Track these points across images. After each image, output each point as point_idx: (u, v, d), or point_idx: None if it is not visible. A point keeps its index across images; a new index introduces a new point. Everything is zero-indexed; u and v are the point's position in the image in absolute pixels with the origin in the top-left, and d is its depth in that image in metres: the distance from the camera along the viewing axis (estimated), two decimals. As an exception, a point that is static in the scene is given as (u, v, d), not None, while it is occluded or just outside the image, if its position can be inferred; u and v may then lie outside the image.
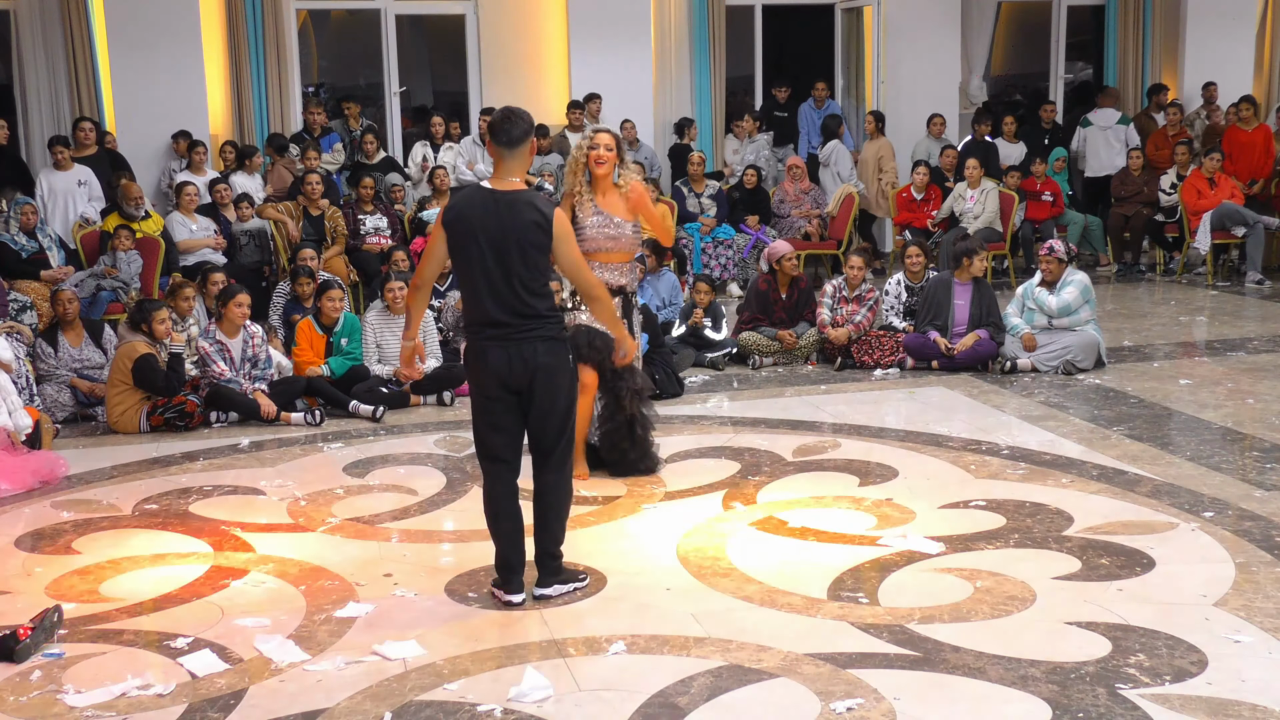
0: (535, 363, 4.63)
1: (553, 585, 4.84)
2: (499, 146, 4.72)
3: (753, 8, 14.05)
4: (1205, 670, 4.08)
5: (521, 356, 4.62)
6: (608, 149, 6.12)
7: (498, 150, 4.73)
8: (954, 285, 8.72)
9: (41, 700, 4.13)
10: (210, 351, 7.84)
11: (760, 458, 6.67)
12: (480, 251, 4.61)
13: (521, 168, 4.76)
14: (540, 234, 4.63)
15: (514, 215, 4.61)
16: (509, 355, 4.61)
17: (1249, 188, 12.24)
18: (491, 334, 4.63)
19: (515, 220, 4.61)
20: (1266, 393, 7.75)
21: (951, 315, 8.69)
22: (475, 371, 4.71)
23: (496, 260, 4.60)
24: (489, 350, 4.64)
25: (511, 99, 12.88)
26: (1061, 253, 8.64)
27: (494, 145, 4.74)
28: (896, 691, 3.98)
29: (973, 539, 5.36)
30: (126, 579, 5.25)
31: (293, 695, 4.09)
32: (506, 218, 4.60)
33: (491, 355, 4.63)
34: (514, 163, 4.72)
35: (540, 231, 4.63)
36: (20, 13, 11.71)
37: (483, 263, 4.61)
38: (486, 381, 4.68)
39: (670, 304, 9.50)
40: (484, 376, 4.67)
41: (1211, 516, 5.53)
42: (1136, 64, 14.45)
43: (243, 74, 12.35)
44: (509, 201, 4.63)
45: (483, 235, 4.60)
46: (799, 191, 12.38)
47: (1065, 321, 8.48)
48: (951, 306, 8.68)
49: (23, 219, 9.67)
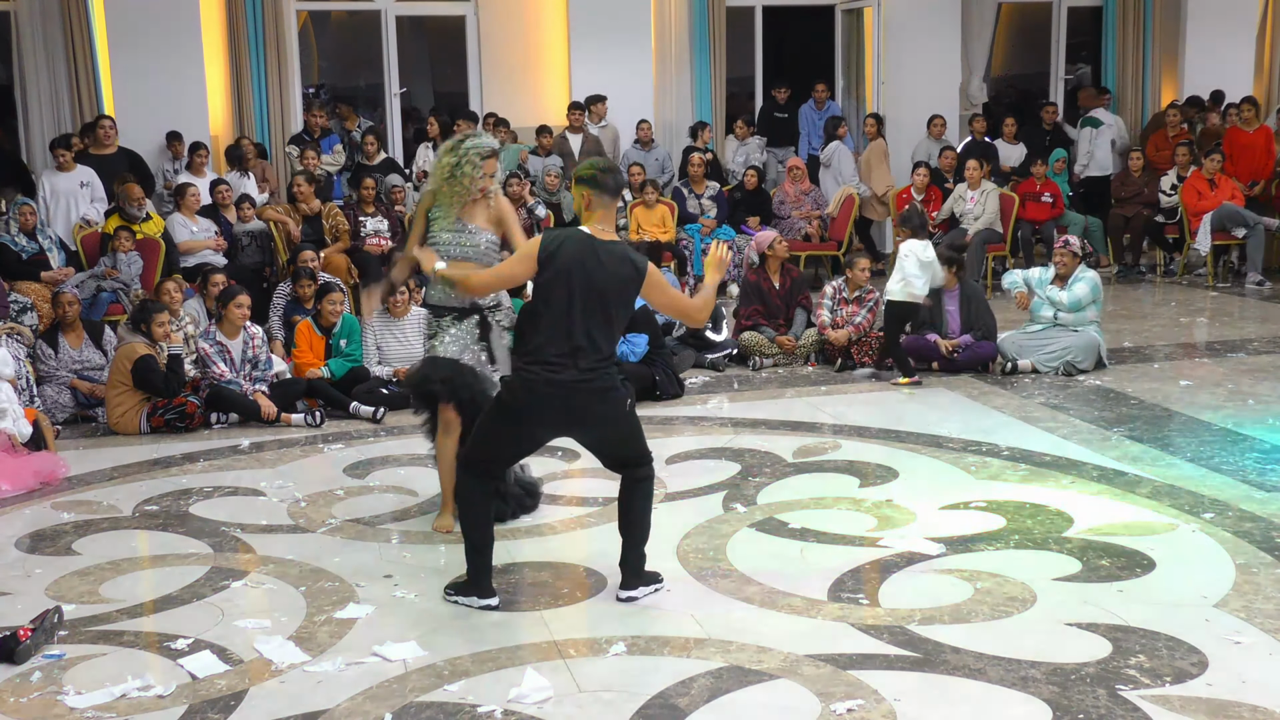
0: (590, 412, 4.66)
1: (638, 587, 4.85)
2: (604, 195, 4.72)
3: (753, 9, 14.04)
4: (1205, 671, 4.08)
5: (579, 406, 4.63)
6: (491, 176, 5.65)
7: (601, 201, 4.71)
8: (943, 293, 8.72)
9: (42, 701, 4.13)
10: (210, 353, 7.83)
11: (760, 459, 6.67)
12: (568, 295, 4.58)
13: (612, 215, 4.79)
14: (633, 288, 4.67)
15: (614, 268, 4.62)
16: (567, 405, 4.62)
17: (1249, 189, 12.24)
18: (549, 376, 4.58)
19: (615, 273, 4.62)
20: (1267, 394, 7.75)
21: (944, 322, 8.70)
22: (522, 410, 4.66)
23: (583, 308, 4.58)
24: (545, 397, 4.59)
25: (512, 100, 12.99)
26: (1076, 247, 8.66)
27: (597, 195, 4.71)
28: (897, 693, 3.98)
29: (973, 540, 5.36)
30: (127, 580, 5.25)
31: (293, 696, 4.09)
32: (607, 269, 4.61)
33: (549, 402, 4.60)
34: (611, 212, 4.76)
35: (634, 286, 4.67)
36: (20, 14, 11.70)
37: (567, 306, 4.58)
38: (534, 422, 4.69)
39: None
40: (533, 417, 4.67)
41: (1212, 518, 5.53)
42: (1136, 65, 14.44)
43: (243, 75, 12.34)
44: (609, 252, 4.64)
45: (578, 280, 4.58)
46: (799, 193, 12.37)
47: (1072, 319, 8.45)
48: (944, 313, 8.70)
49: (22, 220, 9.67)
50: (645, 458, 4.84)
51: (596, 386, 4.61)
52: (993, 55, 14.96)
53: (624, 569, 4.86)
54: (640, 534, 4.85)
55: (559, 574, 5.16)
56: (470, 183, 5.52)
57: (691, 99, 13.52)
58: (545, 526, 5.73)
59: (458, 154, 5.53)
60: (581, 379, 4.58)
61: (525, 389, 4.63)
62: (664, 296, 4.83)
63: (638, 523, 4.84)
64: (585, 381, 4.58)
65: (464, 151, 5.53)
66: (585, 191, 4.74)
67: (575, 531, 5.69)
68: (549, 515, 5.88)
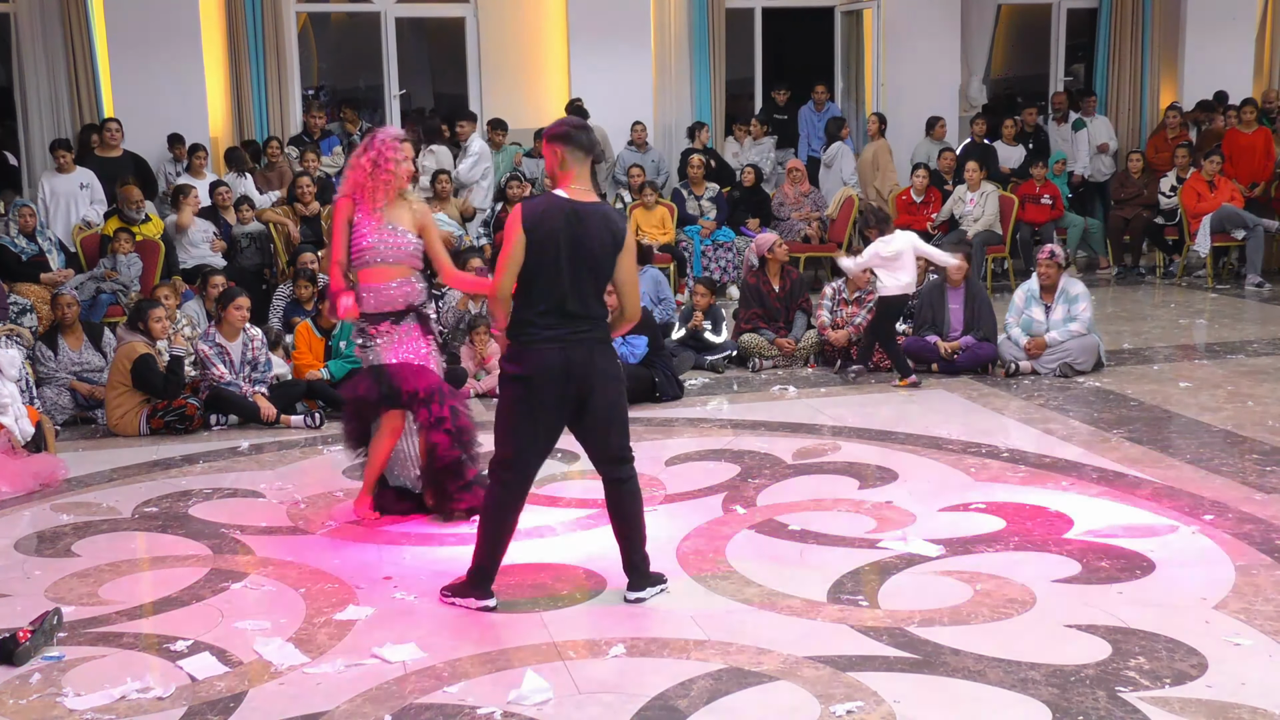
0: (593, 366, 4.63)
1: (645, 589, 4.84)
2: (579, 153, 4.68)
3: (752, 10, 14.05)
4: (1205, 673, 4.08)
5: (580, 359, 4.61)
6: (409, 159, 5.71)
7: (574, 157, 4.68)
8: (946, 291, 8.73)
9: (41, 703, 4.13)
10: (210, 354, 7.83)
11: (760, 460, 6.67)
12: (556, 258, 4.58)
13: (587, 174, 4.76)
14: (615, 247, 4.66)
15: (596, 227, 4.62)
16: (568, 358, 4.60)
17: (1249, 190, 12.24)
18: (548, 335, 4.59)
19: (597, 232, 4.62)
20: (1266, 395, 7.75)
21: (946, 321, 8.70)
22: (530, 375, 4.62)
23: (572, 269, 4.58)
24: (545, 353, 4.59)
25: (511, 102, 13.00)
26: (1061, 257, 8.65)
27: (570, 151, 4.67)
28: (896, 694, 3.98)
29: (973, 542, 5.36)
30: (126, 582, 5.25)
31: (292, 698, 4.09)
32: (591, 232, 4.60)
33: (549, 357, 4.59)
34: (587, 170, 4.74)
35: (615, 245, 4.66)
36: (20, 16, 11.71)
37: (555, 268, 4.58)
38: (542, 384, 4.62)
39: (659, 300, 9.52)
40: (540, 379, 4.61)
41: (1211, 519, 5.52)
42: (1134, 67, 14.45)
43: (242, 77, 12.35)
44: (590, 212, 4.64)
45: (564, 243, 4.58)
46: (799, 194, 12.38)
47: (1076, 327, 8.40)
48: (946, 312, 8.70)
49: (22, 221, 9.67)
50: (628, 452, 4.82)
51: (595, 337, 4.64)
52: (992, 57, 14.97)
53: (629, 571, 4.86)
54: (638, 534, 4.85)
55: (558, 575, 5.16)
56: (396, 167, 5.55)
57: (691, 101, 13.53)
58: (544, 528, 5.73)
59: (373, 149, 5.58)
60: (578, 334, 4.60)
61: (526, 355, 4.62)
62: (629, 270, 4.76)
63: (633, 524, 4.84)
64: (584, 333, 4.60)
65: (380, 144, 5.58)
66: (558, 149, 4.68)
67: (574, 533, 5.69)
68: (548, 517, 5.88)
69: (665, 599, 4.83)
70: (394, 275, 5.63)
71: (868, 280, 8.89)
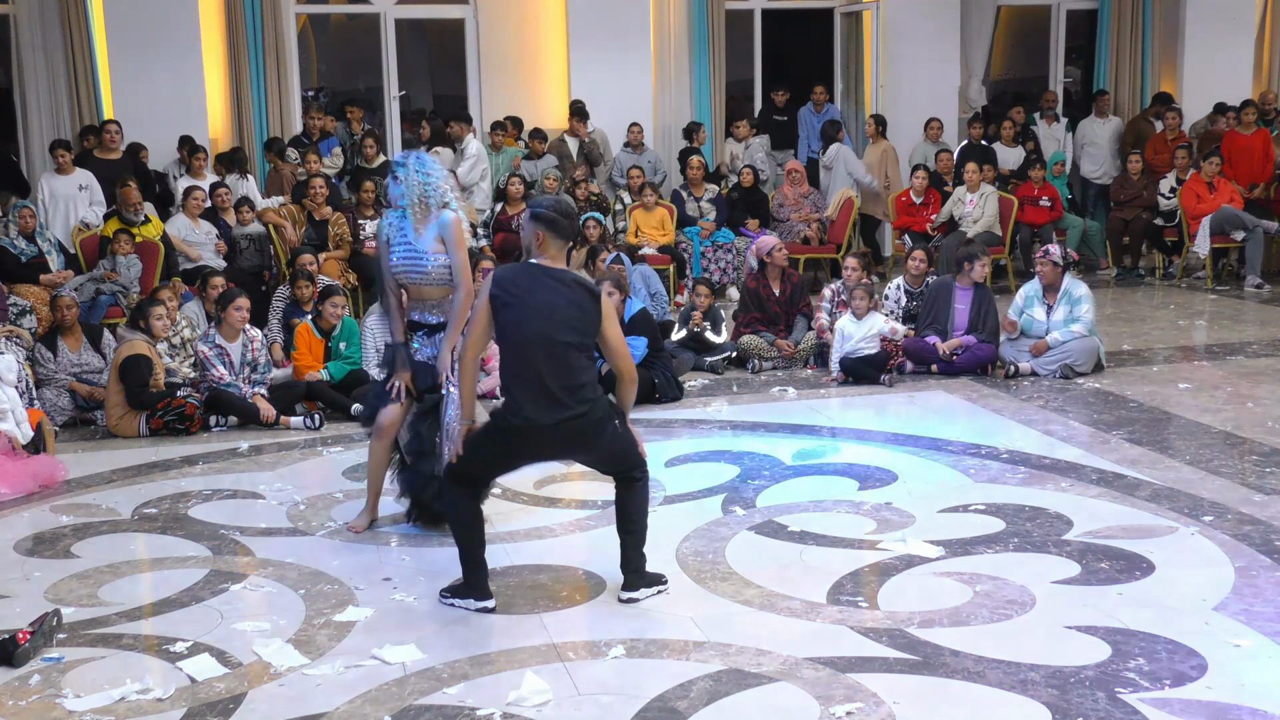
0: (579, 443, 4.74)
1: (640, 588, 4.85)
2: (558, 239, 4.76)
3: (752, 11, 14.06)
4: (1205, 674, 4.08)
5: (566, 442, 4.71)
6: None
7: (555, 244, 4.75)
8: (955, 289, 8.73)
9: (41, 704, 4.13)
10: (209, 355, 7.83)
11: (759, 461, 6.67)
12: (529, 335, 4.60)
13: (564, 257, 4.83)
14: (593, 312, 4.69)
15: (569, 293, 4.66)
16: (556, 440, 4.68)
17: (1248, 192, 12.24)
18: (535, 422, 4.61)
19: (572, 298, 4.66)
20: (1266, 397, 7.75)
21: (951, 319, 8.69)
22: (509, 435, 4.71)
23: (546, 350, 4.59)
24: (534, 437, 4.64)
25: (511, 103, 13.00)
26: (1057, 256, 8.62)
27: (552, 238, 4.74)
28: (896, 695, 3.98)
29: (972, 543, 5.36)
30: (125, 583, 5.25)
31: (292, 699, 4.09)
32: (563, 295, 4.64)
33: (535, 440, 4.66)
34: (563, 255, 4.80)
35: (592, 310, 4.69)
36: (20, 17, 11.71)
37: (529, 351, 4.61)
38: (523, 456, 4.84)
39: (652, 294, 9.53)
40: (523, 452, 4.79)
41: (1211, 520, 5.53)
42: (1134, 69, 14.45)
43: (242, 78, 12.35)
44: (560, 278, 4.68)
45: (535, 315, 4.61)
46: (798, 195, 12.37)
47: (1078, 329, 8.41)
48: (952, 310, 8.69)
49: (21, 223, 9.67)
50: (640, 466, 4.86)
51: (587, 421, 4.66)
52: (991, 58, 14.97)
53: (625, 570, 4.87)
54: (639, 534, 4.85)
55: (558, 576, 5.16)
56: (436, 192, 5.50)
57: (690, 102, 13.53)
58: (544, 529, 5.73)
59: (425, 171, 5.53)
60: (567, 418, 4.62)
61: (515, 431, 4.68)
62: (607, 343, 4.79)
63: (636, 522, 4.85)
64: (576, 418, 4.63)
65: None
66: (540, 231, 4.76)
67: (574, 534, 5.69)
68: (548, 518, 5.88)
69: (665, 600, 4.83)
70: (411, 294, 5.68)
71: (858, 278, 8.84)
